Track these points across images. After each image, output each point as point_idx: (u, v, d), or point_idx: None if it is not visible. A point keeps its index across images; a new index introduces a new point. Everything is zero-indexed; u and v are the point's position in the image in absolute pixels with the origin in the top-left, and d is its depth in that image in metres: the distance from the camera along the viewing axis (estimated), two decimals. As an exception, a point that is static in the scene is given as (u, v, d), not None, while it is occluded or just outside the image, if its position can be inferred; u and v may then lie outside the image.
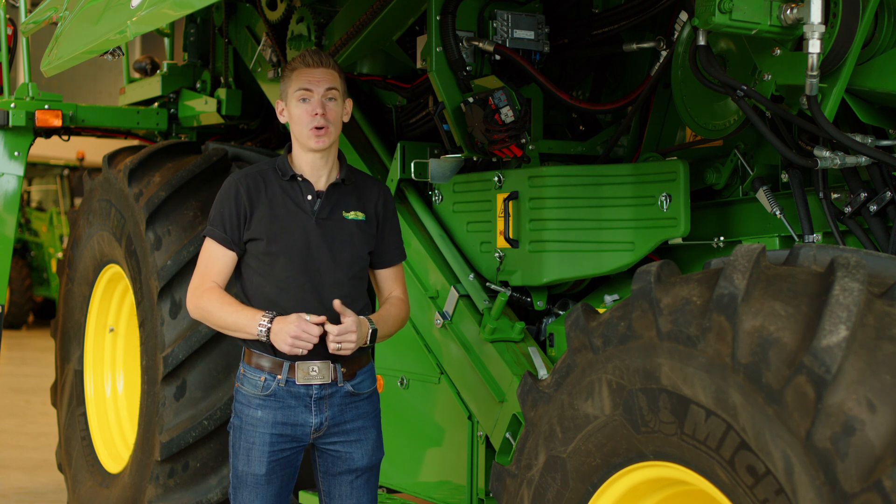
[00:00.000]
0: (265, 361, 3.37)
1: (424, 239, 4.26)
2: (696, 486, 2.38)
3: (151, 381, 4.89)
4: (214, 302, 3.37)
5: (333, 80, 3.40)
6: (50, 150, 10.55)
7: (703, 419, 2.26)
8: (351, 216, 3.45)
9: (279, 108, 3.49)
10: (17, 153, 5.83)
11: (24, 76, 5.97)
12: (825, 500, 1.97)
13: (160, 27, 5.07)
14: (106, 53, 6.24)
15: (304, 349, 3.26)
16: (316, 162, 3.43)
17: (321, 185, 3.44)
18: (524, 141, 3.80)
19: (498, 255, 3.97)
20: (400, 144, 4.34)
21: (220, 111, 5.82)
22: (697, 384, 2.27)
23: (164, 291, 4.83)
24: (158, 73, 6.41)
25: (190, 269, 4.61)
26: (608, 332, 2.54)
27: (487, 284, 4.06)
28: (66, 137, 6.23)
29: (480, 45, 3.94)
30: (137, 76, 6.84)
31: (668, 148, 3.83)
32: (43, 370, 12.07)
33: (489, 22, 3.95)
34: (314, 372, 3.35)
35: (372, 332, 3.37)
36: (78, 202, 16.21)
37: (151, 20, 3.62)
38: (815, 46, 2.84)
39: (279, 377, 3.35)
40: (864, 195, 3.17)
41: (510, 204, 3.85)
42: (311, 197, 3.42)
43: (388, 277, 3.59)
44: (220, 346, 4.74)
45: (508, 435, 3.71)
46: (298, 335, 3.23)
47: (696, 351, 2.28)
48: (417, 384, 4.25)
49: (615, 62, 4.18)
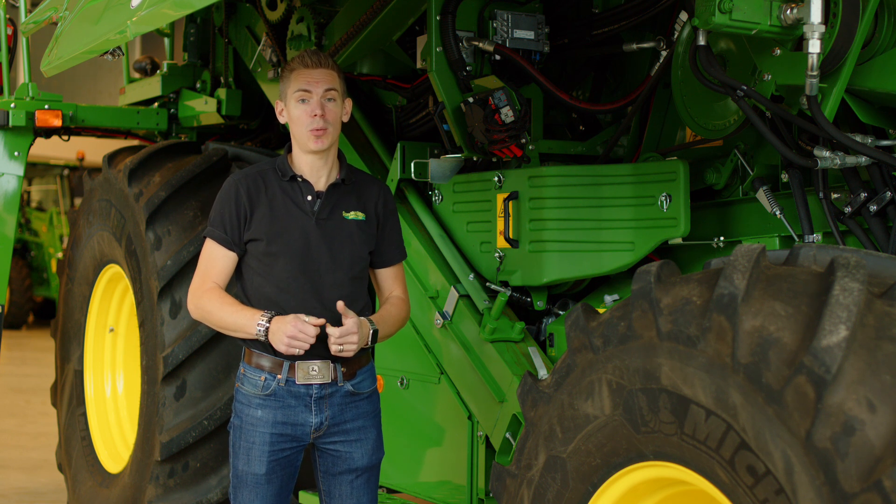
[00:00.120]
0: (265, 361, 3.37)
1: (424, 239, 4.26)
2: (696, 486, 2.38)
3: (151, 381, 4.89)
4: (214, 302, 3.37)
5: (332, 80, 3.40)
6: (50, 150, 10.55)
7: (703, 419, 2.26)
8: (351, 216, 3.45)
9: (278, 108, 3.49)
10: (17, 153, 5.83)
11: (24, 76, 5.97)
12: (825, 500, 1.97)
13: (160, 27, 5.07)
14: (106, 53, 6.24)
15: (300, 349, 3.26)
16: (315, 162, 3.43)
17: (321, 185, 3.44)
18: (524, 141, 3.80)
19: (498, 255, 3.97)
20: (400, 144, 4.34)
21: (220, 111, 5.81)
22: (697, 384, 2.27)
23: (164, 291, 4.83)
24: (158, 73, 6.40)
25: (190, 269, 4.62)
26: (608, 332, 2.54)
27: (487, 284, 4.06)
28: (66, 137, 6.23)
29: (480, 45, 3.93)
30: (137, 76, 6.84)
31: (668, 148, 3.83)
32: (43, 370, 12.07)
33: (489, 22, 3.95)
34: (314, 371, 3.35)
35: (373, 332, 3.37)
36: (78, 202, 16.21)
37: (151, 20, 3.62)
38: (815, 46, 2.84)
39: (279, 377, 3.35)
40: (864, 195, 3.17)
41: (510, 204, 3.85)
42: (310, 197, 3.42)
43: (388, 277, 3.59)
44: (220, 346, 4.74)
45: (508, 435, 3.71)
46: (295, 335, 3.24)
47: (696, 351, 2.28)
48: (417, 384, 4.25)
49: (615, 62, 4.18)
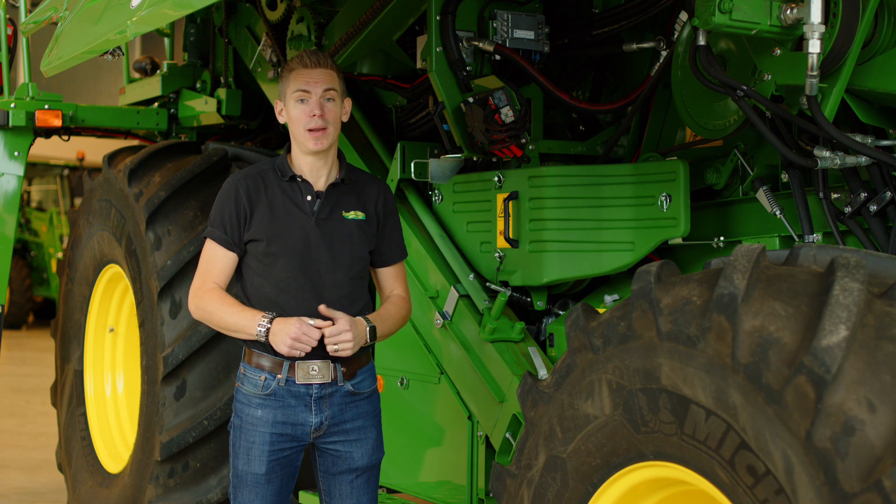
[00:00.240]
0: (265, 361, 3.37)
1: (424, 239, 4.26)
2: (696, 486, 2.38)
3: (151, 381, 4.89)
4: (215, 302, 3.37)
5: (331, 80, 3.39)
6: (50, 150, 10.55)
7: (703, 419, 2.26)
8: (351, 216, 3.45)
9: (278, 108, 3.49)
10: (17, 153, 5.83)
11: (24, 76, 5.97)
12: (825, 500, 1.97)
13: (160, 27, 5.07)
14: (106, 53, 6.24)
15: (301, 352, 3.27)
16: (315, 162, 3.43)
17: (320, 185, 3.44)
18: (524, 141, 3.80)
19: (498, 255, 3.97)
20: (400, 144, 4.34)
21: (220, 111, 5.81)
22: (697, 384, 2.27)
23: (164, 291, 4.83)
24: (158, 73, 6.40)
25: (190, 269, 4.62)
26: (608, 332, 2.54)
27: (487, 284, 4.06)
28: (66, 137, 6.23)
29: (480, 45, 3.93)
30: (137, 76, 6.84)
31: (668, 148, 3.83)
32: (43, 370, 12.07)
33: (489, 22, 3.95)
34: (314, 371, 3.35)
35: (370, 329, 3.37)
36: (78, 202, 16.20)
37: (151, 20, 3.62)
38: (815, 46, 2.84)
39: (279, 376, 3.35)
40: (864, 195, 3.17)
41: (510, 204, 3.85)
42: (310, 197, 3.42)
43: (389, 276, 3.59)
44: (220, 346, 4.74)
45: (508, 435, 3.71)
46: (298, 337, 3.24)
47: (696, 351, 2.28)
48: (417, 384, 4.25)
49: (615, 62, 4.18)
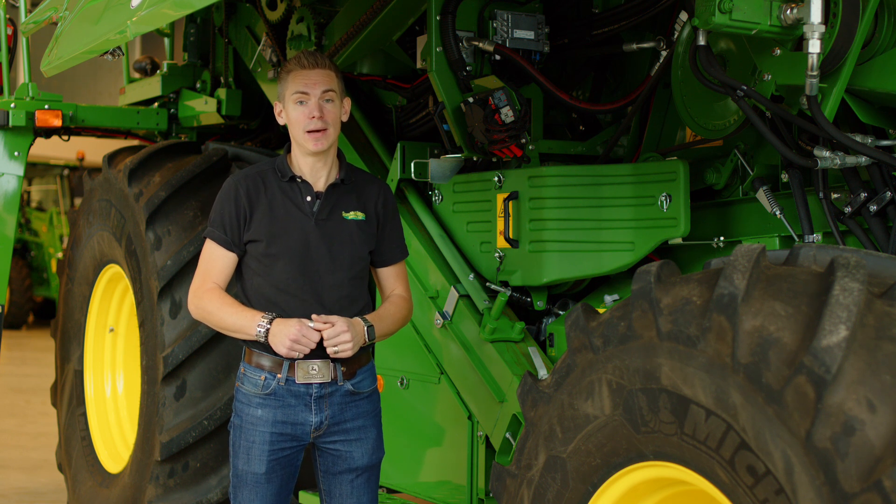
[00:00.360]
0: (265, 360, 3.37)
1: (424, 239, 4.26)
2: (696, 486, 2.38)
3: (151, 381, 4.89)
4: (215, 303, 3.37)
5: (330, 81, 3.39)
6: (50, 150, 10.55)
7: (703, 419, 2.26)
8: (350, 216, 3.45)
9: (277, 109, 3.49)
10: (17, 153, 5.83)
11: (24, 76, 5.97)
12: (825, 500, 1.97)
13: (160, 27, 5.07)
14: (106, 53, 6.24)
15: (301, 353, 3.28)
16: (315, 163, 3.43)
17: (320, 185, 3.44)
18: (524, 141, 3.80)
19: (498, 255, 3.97)
20: (400, 144, 4.34)
21: (220, 111, 5.81)
22: (697, 384, 2.27)
23: (164, 291, 4.83)
24: (158, 73, 6.40)
25: (190, 269, 4.62)
26: (608, 332, 2.54)
27: (487, 284, 4.06)
28: (66, 137, 6.23)
29: (480, 45, 3.93)
30: (137, 76, 6.84)
31: (668, 148, 3.83)
32: (43, 370, 12.07)
33: (489, 22, 3.95)
34: (314, 371, 3.35)
35: (368, 329, 3.37)
36: (78, 202, 16.21)
37: (151, 20, 3.62)
38: (815, 46, 2.84)
39: (279, 376, 3.35)
40: (864, 195, 3.17)
41: (510, 204, 3.85)
42: (310, 198, 3.42)
43: (389, 276, 3.59)
44: (220, 346, 4.73)
45: (508, 435, 3.71)
46: (297, 339, 3.25)
47: (696, 351, 2.28)
48: (417, 384, 4.25)
49: (615, 62, 4.18)
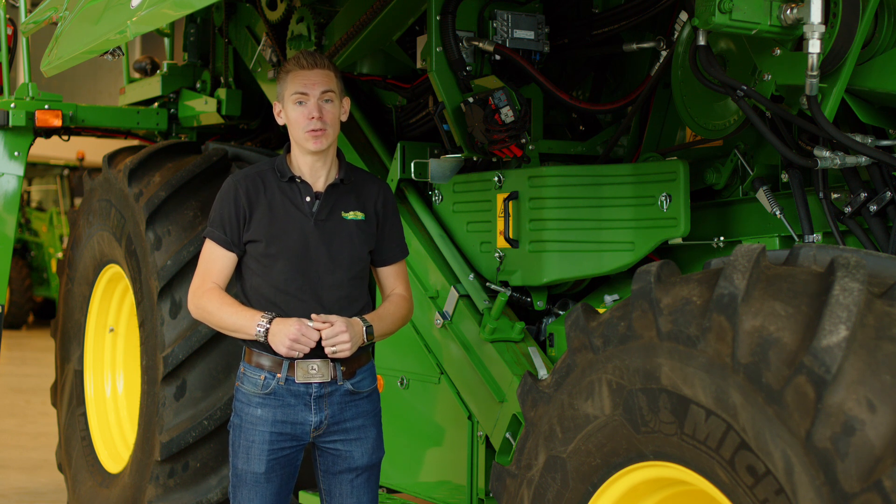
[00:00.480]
0: (265, 360, 3.37)
1: (424, 239, 4.26)
2: (696, 486, 2.38)
3: (151, 381, 4.89)
4: (214, 302, 3.37)
5: (329, 81, 3.39)
6: (50, 150, 10.55)
7: (703, 419, 2.26)
8: (350, 216, 3.45)
9: (276, 109, 3.49)
10: (17, 153, 5.83)
11: (24, 76, 5.97)
12: (825, 500, 1.97)
13: (160, 27, 5.07)
14: (106, 53, 6.24)
15: (300, 352, 3.28)
16: (314, 163, 3.43)
17: (320, 185, 3.44)
18: (524, 141, 3.80)
19: (498, 255, 3.97)
20: (400, 144, 4.34)
21: (220, 111, 5.81)
22: (697, 384, 2.27)
23: (164, 291, 4.83)
24: (158, 73, 6.40)
25: (190, 269, 4.62)
26: (608, 332, 2.54)
27: (487, 284, 4.06)
28: (66, 137, 6.23)
29: (480, 45, 3.93)
30: (137, 76, 6.84)
31: (668, 148, 3.83)
32: (43, 370, 12.07)
33: (489, 22, 3.95)
34: (314, 370, 3.35)
35: (367, 328, 3.37)
36: (78, 202, 16.20)
37: (151, 20, 3.62)
38: (815, 46, 2.84)
39: (279, 375, 3.35)
40: (864, 195, 3.17)
41: (510, 204, 3.85)
42: (309, 198, 3.42)
43: (389, 275, 3.59)
44: (220, 346, 4.73)
45: (508, 435, 3.71)
46: (297, 338, 3.25)
47: (696, 351, 2.28)
48: (417, 384, 4.25)
49: (615, 62, 4.17)
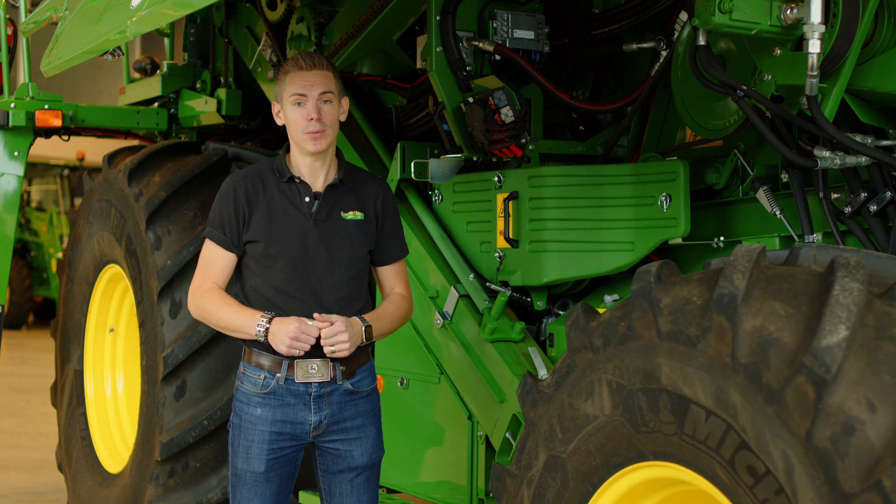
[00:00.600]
0: (265, 360, 3.37)
1: (424, 239, 4.26)
2: (696, 486, 2.38)
3: (151, 381, 4.89)
4: (214, 302, 3.38)
5: (328, 82, 3.39)
6: (50, 150, 10.55)
7: (703, 419, 2.26)
8: (349, 216, 3.45)
9: (275, 109, 3.49)
10: (17, 153, 5.83)
11: (24, 76, 5.97)
12: (825, 500, 1.97)
13: (160, 27, 5.07)
14: (106, 53, 6.24)
15: (300, 351, 3.28)
16: (314, 163, 3.43)
17: (319, 185, 3.44)
18: (524, 141, 3.80)
19: (498, 255, 3.97)
20: (400, 144, 4.34)
21: (220, 111, 5.81)
22: (697, 384, 2.27)
23: (164, 291, 4.83)
24: (158, 73, 6.40)
25: (190, 269, 4.62)
26: (608, 332, 2.54)
27: (487, 284, 4.06)
28: (66, 137, 6.23)
29: (480, 45, 3.93)
30: (137, 76, 6.84)
31: (668, 148, 3.83)
32: (43, 370, 12.07)
33: (489, 22, 3.95)
34: (313, 370, 3.35)
35: (366, 328, 3.37)
36: (78, 202, 16.20)
37: (151, 20, 3.62)
38: (815, 46, 2.84)
39: (279, 375, 3.35)
40: (864, 195, 3.17)
41: (510, 204, 3.85)
42: (308, 198, 3.42)
43: (389, 274, 3.59)
44: (220, 346, 4.74)
45: (508, 435, 3.71)
46: (297, 336, 3.25)
47: (696, 351, 2.28)
48: (417, 384, 4.25)
49: (615, 62, 4.17)
